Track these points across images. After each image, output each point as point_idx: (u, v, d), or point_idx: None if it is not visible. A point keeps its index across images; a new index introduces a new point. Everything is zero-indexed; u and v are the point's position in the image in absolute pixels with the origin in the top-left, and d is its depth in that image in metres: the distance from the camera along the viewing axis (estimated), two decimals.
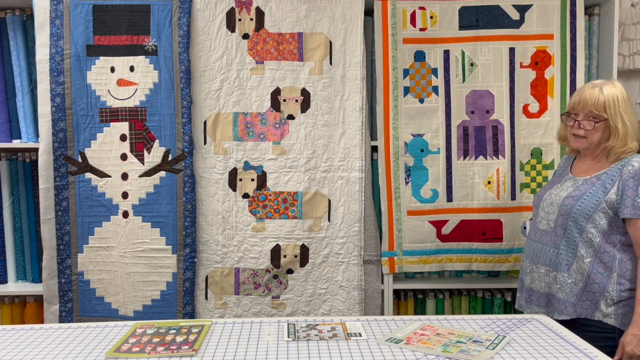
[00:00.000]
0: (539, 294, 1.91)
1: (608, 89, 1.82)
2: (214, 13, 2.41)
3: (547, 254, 1.88)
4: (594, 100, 1.82)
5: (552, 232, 1.87)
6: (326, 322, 1.73)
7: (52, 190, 2.39)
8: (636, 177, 1.73)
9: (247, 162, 2.45)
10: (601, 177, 1.81)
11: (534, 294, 1.93)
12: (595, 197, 1.78)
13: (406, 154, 2.49)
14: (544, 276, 1.89)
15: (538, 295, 1.91)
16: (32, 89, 2.46)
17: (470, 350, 1.47)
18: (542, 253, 1.90)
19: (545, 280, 1.89)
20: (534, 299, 1.93)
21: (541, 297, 1.90)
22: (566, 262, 1.82)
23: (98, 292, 2.45)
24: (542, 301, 1.90)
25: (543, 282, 1.90)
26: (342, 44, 2.44)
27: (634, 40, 2.60)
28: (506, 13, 2.45)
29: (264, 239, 2.46)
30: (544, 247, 1.90)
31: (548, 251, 1.88)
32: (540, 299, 1.91)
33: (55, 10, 2.35)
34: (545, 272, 1.88)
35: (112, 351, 1.50)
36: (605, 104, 1.82)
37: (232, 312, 2.47)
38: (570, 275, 1.81)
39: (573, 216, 1.80)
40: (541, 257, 1.90)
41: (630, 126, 1.80)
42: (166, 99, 2.39)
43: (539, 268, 1.91)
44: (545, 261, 1.89)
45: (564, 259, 1.82)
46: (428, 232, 2.51)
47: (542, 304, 1.90)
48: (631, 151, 1.81)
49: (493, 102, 2.47)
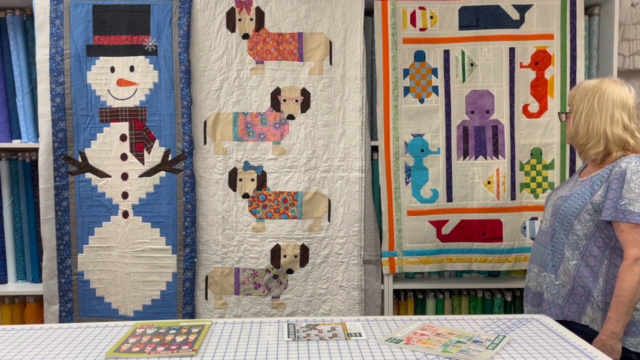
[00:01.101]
0: (532, 292, 1.92)
1: (593, 83, 1.77)
2: (214, 13, 2.41)
3: (540, 254, 1.87)
4: (570, 92, 1.81)
5: (546, 232, 1.86)
6: (326, 322, 1.73)
7: (52, 190, 2.39)
8: (621, 179, 1.65)
9: (247, 162, 2.45)
10: (593, 177, 1.76)
11: (529, 292, 1.93)
12: (582, 198, 1.73)
13: (406, 154, 2.49)
14: (536, 275, 1.89)
15: (532, 294, 1.92)
16: (32, 89, 2.46)
17: (470, 350, 1.47)
18: (537, 252, 1.90)
19: (537, 280, 1.89)
20: (528, 297, 1.94)
21: (534, 296, 1.91)
22: (553, 263, 1.80)
23: (98, 292, 2.45)
24: (535, 300, 1.90)
25: (535, 281, 1.90)
26: (342, 44, 2.44)
27: (634, 40, 2.60)
28: (506, 13, 2.45)
29: (264, 239, 2.46)
30: (539, 246, 1.89)
31: (541, 251, 1.87)
32: (534, 298, 1.91)
33: (55, 10, 2.35)
34: (538, 271, 1.88)
35: (112, 351, 1.50)
36: (574, 95, 1.79)
37: (232, 312, 2.47)
38: (558, 277, 1.78)
39: (559, 217, 1.77)
40: (536, 256, 1.90)
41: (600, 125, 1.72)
42: (166, 99, 2.39)
43: (534, 267, 1.91)
44: (538, 261, 1.89)
45: (552, 260, 1.81)
46: (428, 232, 2.51)
47: (535, 302, 1.90)
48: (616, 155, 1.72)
49: (493, 102, 2.47)
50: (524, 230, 2.51)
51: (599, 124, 1.73)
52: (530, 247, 2.49)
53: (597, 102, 1.73)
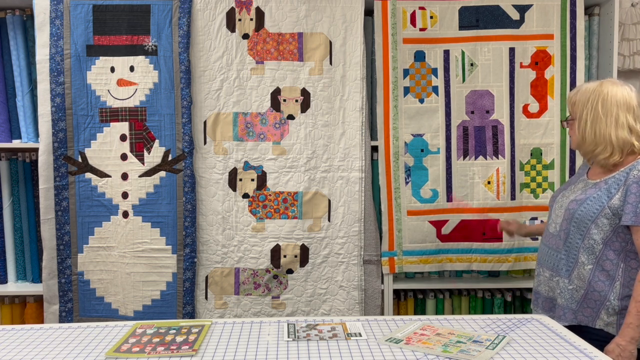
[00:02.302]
0: (543, 297, 1.88)
1: (592, 87, 1.74)
2: (214, 13, 2.41)
3: (552, 258, 1.83)
4: (569, 97, 1.78)
5: (557, 236, 1.81)
6: (326, 322, 1.73)
7: (52, 190, 2.39)
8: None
9: (247, 162, 2.45)
10: (608, 181, 1.71)
11: (540, 297, 1.90)
12: (598, 202, 1.69)
13: (406, 154, 2.49)
14: (547, 280, 1.86)
15: (543, 299, 1.88)
16: (32, 89, 2.46)
17: (470, 350, 1.47)
18: (547, 256, 1.86)
19: (549, 285, 1.85)
20: (539, 302, 1.90)
21: (545, 301, 1.87)
22: (567, 268, 1.76)
23: (98, 292, 2.45)
24: (547, 305, 1.87)
25: (547, 286, 1.86)
26: (342, 44, 2.44)
27: (634, 40, 2.60)
28: (506, 13, 2.45)
29: (264, 239, 2.46)
30: (550, 250, 1.85)
31: (553, 255, 1.83)
32: (545, 303, 1.88)
33: (55, 10, 2.35)
34: (549, 276, 1.85)
35: (112, 351, 1.50)
36: (574, 101, 1.76)
37: (232, 312, 2.47)
38: (571, 282, 1.75)
39: (575, 221, 1.73)
40: (547, 260, 1.86)
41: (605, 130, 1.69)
42: (166, 99, 2.39)
43: (544, 271, 1.87)
44: (549, 265, 1.85)
45: (565, 264, 1.77)
46: (428, 232, 2.51)
47: (547, 307, 1.87)
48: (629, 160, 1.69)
49: (493, 102, 2.47)
50: None
51: (605, 129, 1.70)
52: (530, 247, 2.50)
53: (601, 107, 1.70)
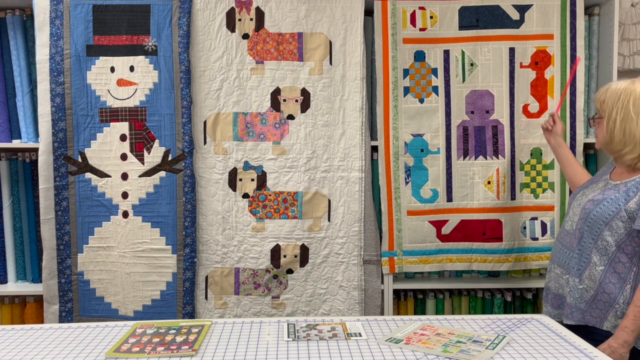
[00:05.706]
0: (553, 293, 1.88)
1: (624, 85, 1.69)
2: (214, 13, 2.41)
3: (564, 256, 1.83)
4: (598, 95, 1.73)
5: (573, 234, 1.80)
6: (326, 322, 1.73)
7: (52, 190, 2.39)
8: None
9: (247, 162, 2.45)
10: (628, 183, 1.67)
11: (550, 293, 1.89)
12: (615, 204, 1.66)
13: (406, 154, 2.50)
14: (558, 277, 1.85)
15: (552, 295, 1.88)
16: (32, 89, 2.46)
17: (470, 350, 1.47)
18: (560, 254, 1.85)
19: (559, 282, 1.85)
20: (549, 298, 1.90)
21: (555, 297, 1.87)
22: (579, 267, 1.75)
23: (98, 292, 2.45)
24: (556, 302, 1.86)
25: (557, 282, 1.86)
26: (342, 44, 2.44)
27: (634, 40, 2.60)
28: (506, 13, 2.45)
29: (263, 239, 2.46)
30: (563, 248, 1.84)
31: (565, 253, 1.82)
32: (554, 300, 1.87)
33: (55, 10, 2.35)
34: (560, 273, 1.84)
35: (112, 351, 1.50)
36: (603, 99, 1.73)
37: (232, 312, 2.47)
38: (582, 281, 1.74)
39: (590, 221, 1.71)
40: (559, 257, 1.85)
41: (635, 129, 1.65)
42: (166, 99, 2.39)
43: (555, 268, 1.87)
44: (561, 262, 1.84)
45: (577, 263, 1.75)
46: (428, 232, 2.51)
47: (555, 304, 1.86)
48: None
49: (493, 102, 2.47)
50: (524, 230, 2.51)
51: (636, 128, 1.66)
52: (531, 247, 2.51)
53: (633, 106, 1.66)
